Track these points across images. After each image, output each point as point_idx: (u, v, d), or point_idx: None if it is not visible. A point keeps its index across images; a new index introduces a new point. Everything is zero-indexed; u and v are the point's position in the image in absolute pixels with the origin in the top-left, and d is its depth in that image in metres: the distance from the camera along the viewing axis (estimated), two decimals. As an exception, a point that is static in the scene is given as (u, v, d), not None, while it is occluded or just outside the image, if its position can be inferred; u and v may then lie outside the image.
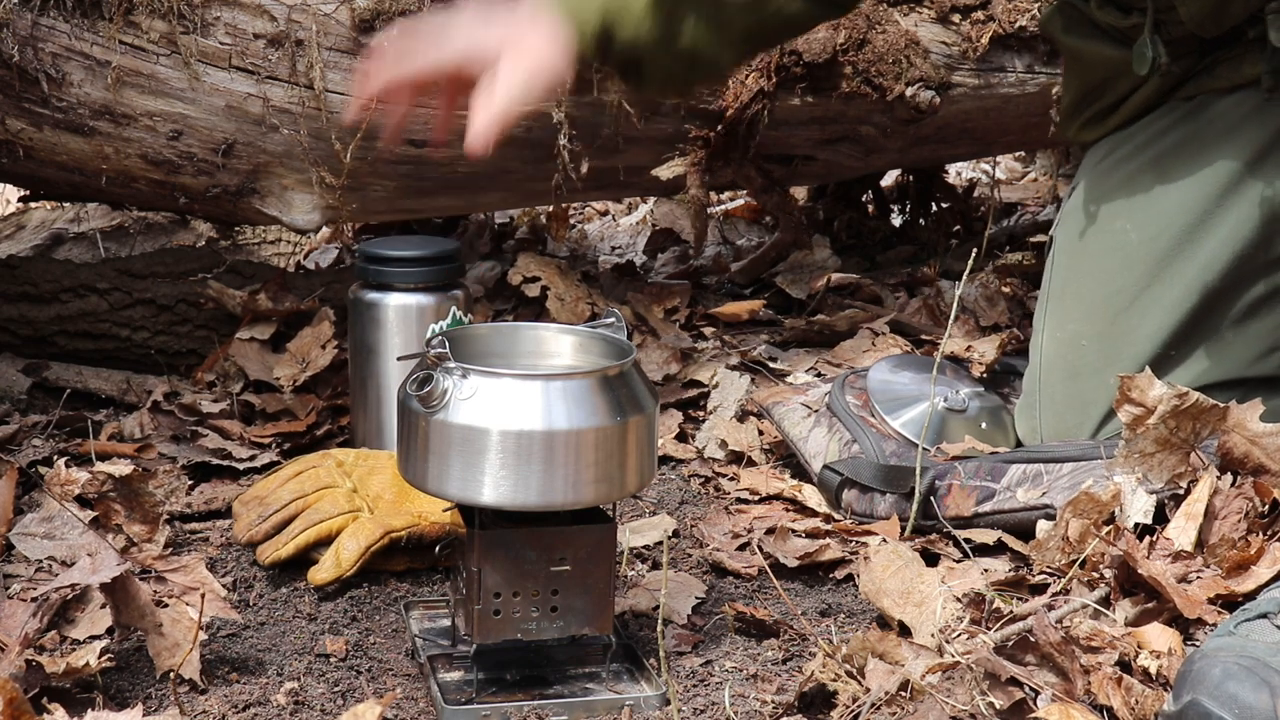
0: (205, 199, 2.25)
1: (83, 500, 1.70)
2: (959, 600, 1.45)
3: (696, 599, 1.61)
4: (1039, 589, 1.56)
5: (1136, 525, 1.57)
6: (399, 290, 1.92)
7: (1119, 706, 1.26)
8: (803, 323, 2.43)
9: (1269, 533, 1.55)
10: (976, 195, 3.27)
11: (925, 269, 2.65)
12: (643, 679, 1.42)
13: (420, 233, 2.81)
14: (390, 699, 1.38)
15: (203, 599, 1.42)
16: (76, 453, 1.95)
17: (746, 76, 2.35)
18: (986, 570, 1.62)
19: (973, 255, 1.89)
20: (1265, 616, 1.29)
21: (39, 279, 2.22)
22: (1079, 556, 1.54)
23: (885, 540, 1.71)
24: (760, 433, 2.06)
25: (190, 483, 1.89)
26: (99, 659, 1.34)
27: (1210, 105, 1.85)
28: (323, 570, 1.63)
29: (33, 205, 3.00)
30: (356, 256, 1.97)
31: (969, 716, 1.25)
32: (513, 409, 1.31)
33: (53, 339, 2.22)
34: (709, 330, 2.48)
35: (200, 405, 2.10)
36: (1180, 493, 1.61)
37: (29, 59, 2.07)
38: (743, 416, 2.11)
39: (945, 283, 2.55)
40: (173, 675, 1.38)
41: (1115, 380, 1.60)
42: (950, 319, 1.95)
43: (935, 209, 3.05)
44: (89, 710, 1.26)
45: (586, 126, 2.32)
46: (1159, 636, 1.38)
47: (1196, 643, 1.42)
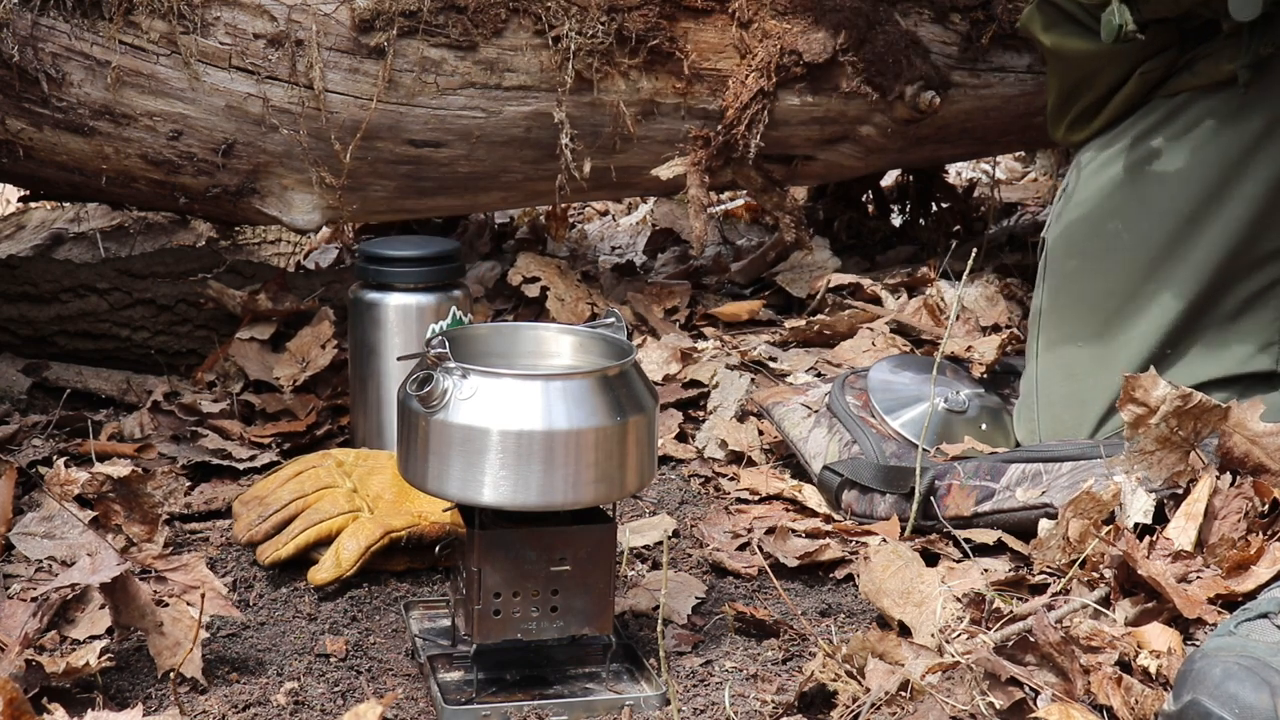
0: (205, 199, 2.25)
1: (82, 500, 1.70)
2: (959, 600, 1.45)
3: (696, 599, 1.61)
4: (1039, 589, 1.56)
5: (1136, 525, 1.57)
6: (399, 290, 1.92)
7: (1119, 706, 1.26)
8: (803, 323, 2.43)
9: (1269, 533, 1.55)
10: (976, 195, 3.27)
11: (925, 269, 2.65)
12: (643, 679, 1.42)
13: (420, 233, 2.81)
14: (390, 699, 1.38)
15: (203, 598, 1.42)
16: (76, 453, 1.95)
17: (747, 77, 2.35)
18: (986, 570, 1.62)
19: (973, 255, 1.89)
20: (1265, 616, 1.29)
21: (39, 279, 2.22)
22: (1079, 556, 1.54)
23: (885, 540, 1.71)
24: (760, 433, 2.05)
25: (190, 483, 1.89)
26: (99, 659, 1.34)
27: (1194, 104, 1.85)
28: (323, 570, 1.63)
29: (33, 205, 3.00)
30: (356, 256, 1.97)
31: (969, 716, 1.25)
32: (513, 409, 1.31)
33: (53, 339, 2.22)
34: (709, 330, 2.48)
35: (200, 405, 2.10)
36: (1180, 492, 1.61)
37: (29, 59, 2.07)
38: (743, 416, 2.11)
39: (945, 283, 2.55)
40: (173, 675, 1.38)
41: (1112, 380, 1.60)
42: (950, 319, 1.95)
43: (935, 209, 3.05)
44: (89, 710, 1.26)
45: (587, 126, 2.32)
46: (1159, 636, 1.38)
47: (1196, 643, 1.41)
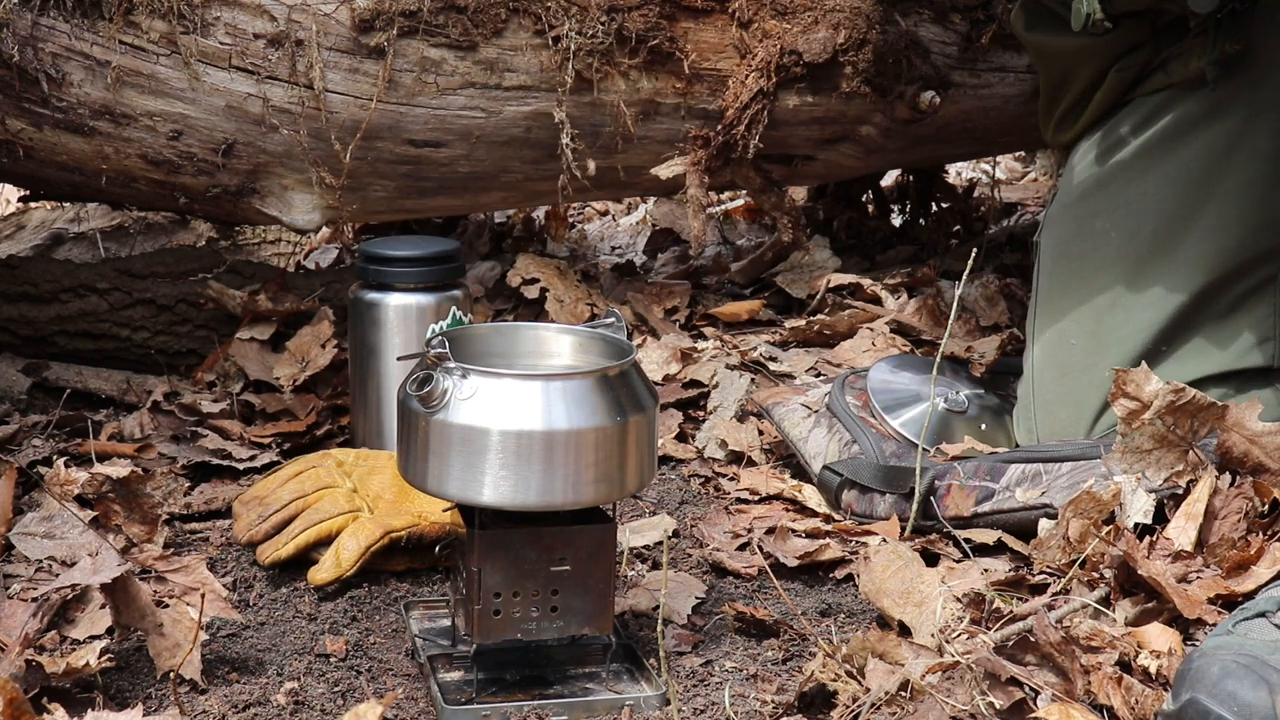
0: (205, 199, 2.25)
1: (82, 500, 1.71)
2: (959, 600, 1.45)
3: (696, 599, 1.61)
4: (1039, 589, 1.56)
5: (1136, 525, 1.57)
6: (399, 290, 1.92)
7: (1119, 706, 1.26)
8: (803, 323, 2.43)
9: (1269, 532, 1.55)
10: (976, 195, 3.27)
11: (925, 269, 2.65)
12: (643, 679, 1.42)
13: (420, 233, 2.81)
14: (390, 699, 1.38)
15: (203, 599, 1.42)
16: (76, 453, 1.95)
17: (746, 77, 2.35)
18: (986, 570, 1.62)
19: (973, 255, 1.89)
20: (1264, 615, 1.29)
21: (39, 279, 2.22)
22: (1079, 556, 1.54)
23: (885, 540, 1.71)
24: (760, 433, 2.05)
25: (190, 483, 1.89)
26: (99, 659, 1.34)
27: (1173, 103, 1.86)
28: (323, 570, 1.63)
29: (33, 205, 3.00)
30: (356, 256, 1.97)
31: (969, 716, 1.25)
32: (513, 409, 1.31)
33: (53, 339, 2.22)
34: (709, 330, 2.48)
35: (200, 405, 2.10)
36: (1180, 492, 1.61)
37: (29, 59, 2.07)
38: (743, 416, 2.11)
39: (945, 283, 2.55)
40: (173, 675, 1.38)
41: (1107, 375, 1.60)
42: (950, 319, 1.95)
43: (935, 209, 3.05)
44: (89, 710, 1.26)
45: (587, 126, 2.32)
46: (1159, 636, 1.38)
47: (1196, 642, 1.41)
